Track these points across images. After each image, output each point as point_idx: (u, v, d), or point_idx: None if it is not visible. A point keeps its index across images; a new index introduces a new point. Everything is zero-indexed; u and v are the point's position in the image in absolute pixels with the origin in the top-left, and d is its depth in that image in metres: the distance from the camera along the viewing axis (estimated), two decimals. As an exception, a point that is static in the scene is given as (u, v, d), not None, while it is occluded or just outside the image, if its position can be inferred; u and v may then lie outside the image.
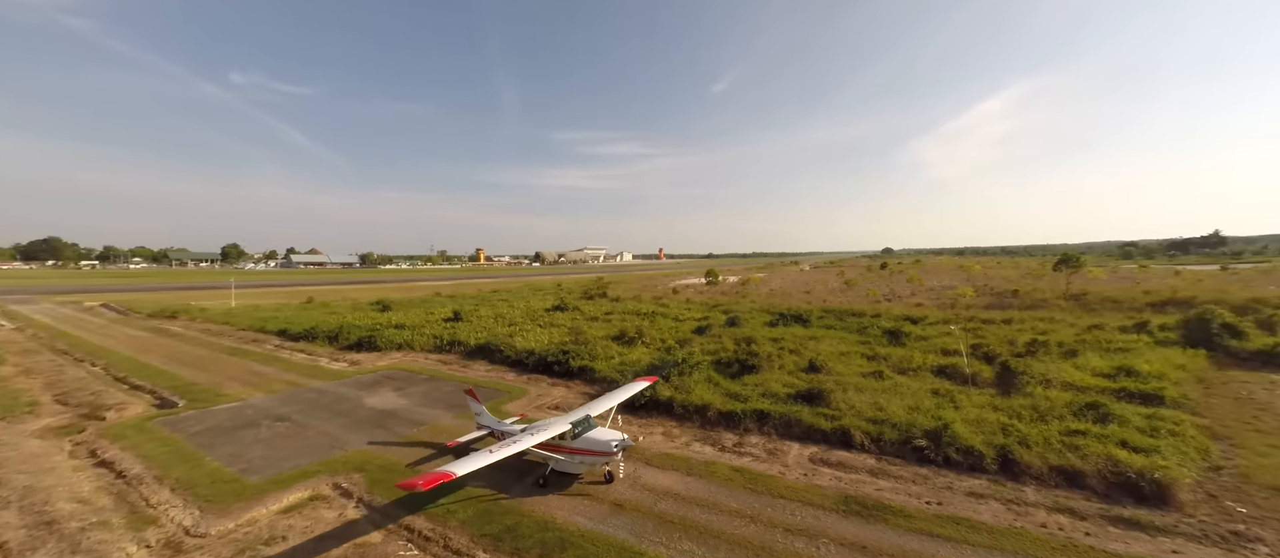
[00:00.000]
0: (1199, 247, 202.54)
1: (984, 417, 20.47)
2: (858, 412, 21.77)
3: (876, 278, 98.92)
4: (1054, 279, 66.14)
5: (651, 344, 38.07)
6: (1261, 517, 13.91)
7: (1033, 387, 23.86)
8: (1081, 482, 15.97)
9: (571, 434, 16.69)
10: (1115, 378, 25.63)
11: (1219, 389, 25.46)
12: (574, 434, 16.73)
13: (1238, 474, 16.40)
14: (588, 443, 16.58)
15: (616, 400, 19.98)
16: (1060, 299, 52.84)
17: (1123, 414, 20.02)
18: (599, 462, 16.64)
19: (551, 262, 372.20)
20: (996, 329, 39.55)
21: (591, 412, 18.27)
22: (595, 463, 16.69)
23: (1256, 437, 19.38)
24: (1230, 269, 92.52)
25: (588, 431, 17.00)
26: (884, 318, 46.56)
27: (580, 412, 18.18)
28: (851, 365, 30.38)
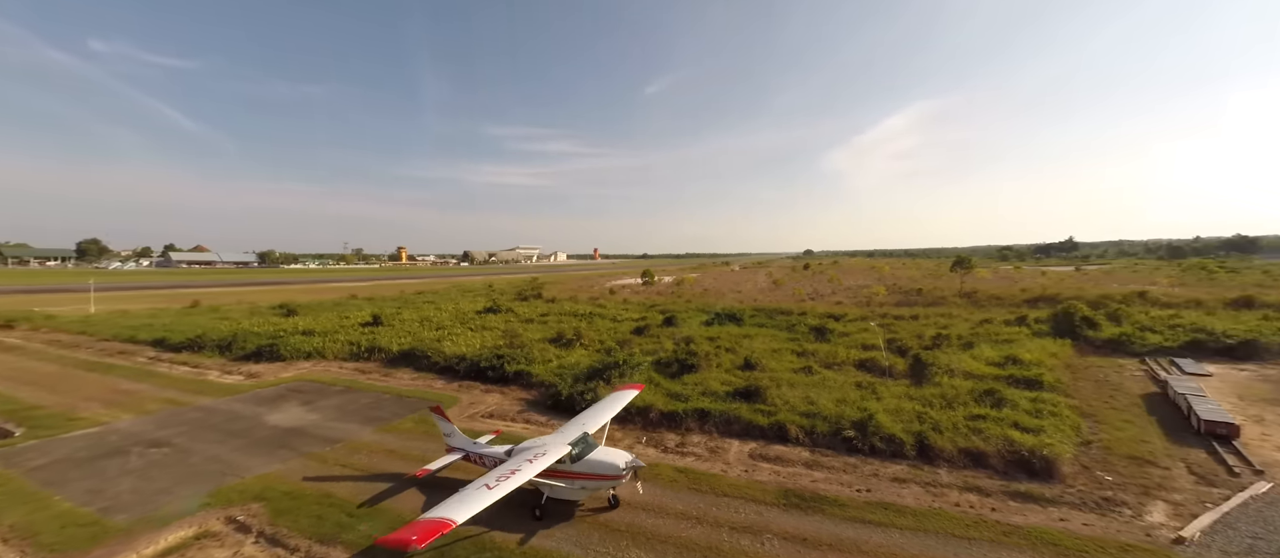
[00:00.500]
0: (1057, 251, 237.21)
1: (902, 406, 22.15)
2: (792, 407, 22.67)
3: (800, 278, 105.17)
4: (950, 279, 74.30)
5: (591, 346, 37.42)
6: (1124, 483, 16.18)
7: (940, 377, 26.25)
8: (985, 462, 17.68)
9: (571, 456, 14.55)
10: (1004, 366, 28.89)
11: (1082, 373, 29.58)
12: (574, 456, 14.60)
13: (1102, 447, 19.02)
14: (593, 466, 14.52)
15: (608, 414, 17.63)
16: (956, 297, 59.19)
17: (1013, 399, 22.54)
18: (606, 486, 14.73)
19: (482, 261, 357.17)
20: (906, 325, 43.33)
21: (588, 428, 16.14)
22: (601, 487, 14.73)
23: (1113, 413, 22.65)
24: (1082, 270, 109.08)
25: (589, 451, 14.92)
26: (810, 316, 49.36)
27: (573, 427, 16.11)
28: (783, 362, 31.74)
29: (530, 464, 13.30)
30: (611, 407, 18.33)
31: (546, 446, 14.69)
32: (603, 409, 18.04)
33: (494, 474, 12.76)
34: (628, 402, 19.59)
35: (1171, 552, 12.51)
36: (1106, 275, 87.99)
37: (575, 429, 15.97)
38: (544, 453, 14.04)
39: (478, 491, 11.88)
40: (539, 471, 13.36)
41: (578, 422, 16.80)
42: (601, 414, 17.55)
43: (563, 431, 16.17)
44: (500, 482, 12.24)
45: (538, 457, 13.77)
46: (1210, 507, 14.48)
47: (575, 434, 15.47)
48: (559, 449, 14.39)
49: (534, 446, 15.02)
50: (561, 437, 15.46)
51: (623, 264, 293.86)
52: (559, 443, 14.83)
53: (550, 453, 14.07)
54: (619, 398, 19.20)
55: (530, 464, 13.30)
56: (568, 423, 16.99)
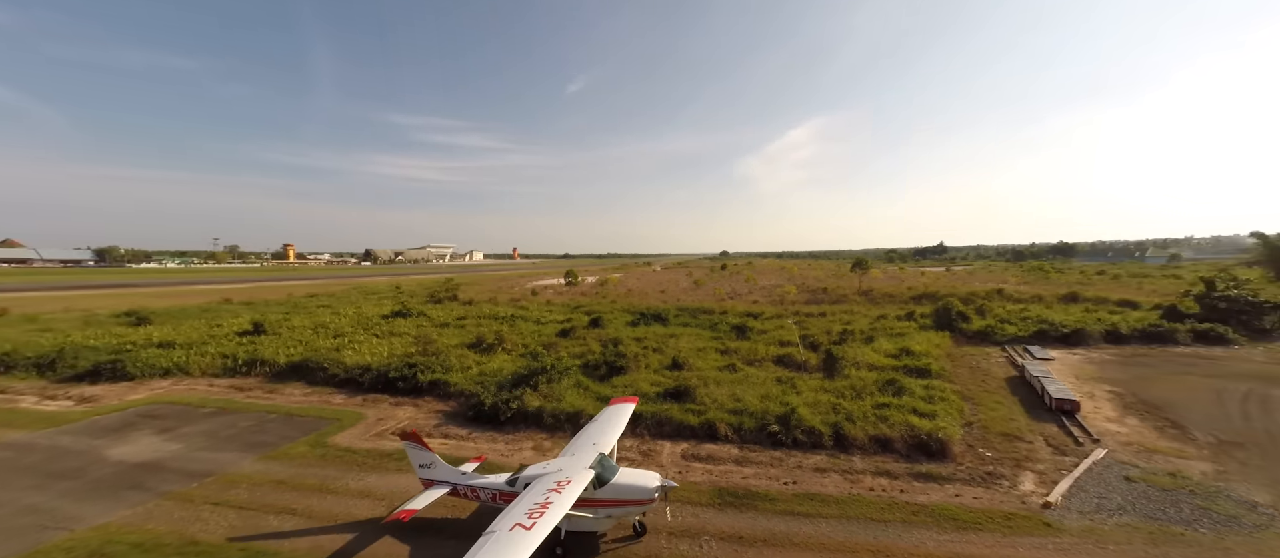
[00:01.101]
0: (931, 254, 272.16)
1: (819, 399, 23.59)
2: (720, 405, 23.18)
3: (719, 278, 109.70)
4: (851, 279, 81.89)
5: (514, 351, 35.67)
6: (1001, 458, 18.51)
7: (849, 369, 28.44)
8: (891, 447, 19.30)
9: (597, 481, 12.63)
10: (900, 358, 32.06)
11: (960, 361, 33.75)
12: (600, 480, 12.70)
13: (981, 427, 21.68)
14: (621, 490, 12.73)
15: (616, 430, 15.69)
16: (856, 295, 65.13)
17: (910, 387, 24.97)
18: (635, 512, 13.17)
19: (387, 261, 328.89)
20: (816, 321, 46.69)
21: (601, 447, 14.17)
22: (629, 514, 13.19)
23: (986, 396, 26.00)
24: (951, 271, 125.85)
25: (613, 473, 13.06)
26: (730, 315, 51.37)
27: (583, 447, 14.16)
28: (708, 360, 32.54)
29: (559, 493, 11.31)
30: (616, 421, 16.37)
31: (563, 470, 12.70)
32: (608, 425, 16.03)
33: (518, 509, 10.69)
34: (629, 416, 17.42)
35: (1042, 516, 14.42)
36: (970, 275, 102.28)
37: (586, 449, 13.99)
38: (568, 479, 12.04)
39: (512, 534, 9.76)
40: (571, 501, 11.34)
41: (584, 440, 14.86)
42: (609, 431, 15.56)
43: (572, 452, 14.15)
44: (535, 518, 10.21)
45: (564, 484, 11.76)
46: (1066, 473, 17.01)
47: (588, 455, 13.49)
48: (581, 473, 12.39)
49: (548, 471, 12.91)
50: (575, 460, 13.41)
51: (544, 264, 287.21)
52: (578, 466, 12.84)
53: (576, 479, 12.10)
54: (621, 412, 17.19)
55: (559, 493, 11.31)
56: (572, 442, 15.13)
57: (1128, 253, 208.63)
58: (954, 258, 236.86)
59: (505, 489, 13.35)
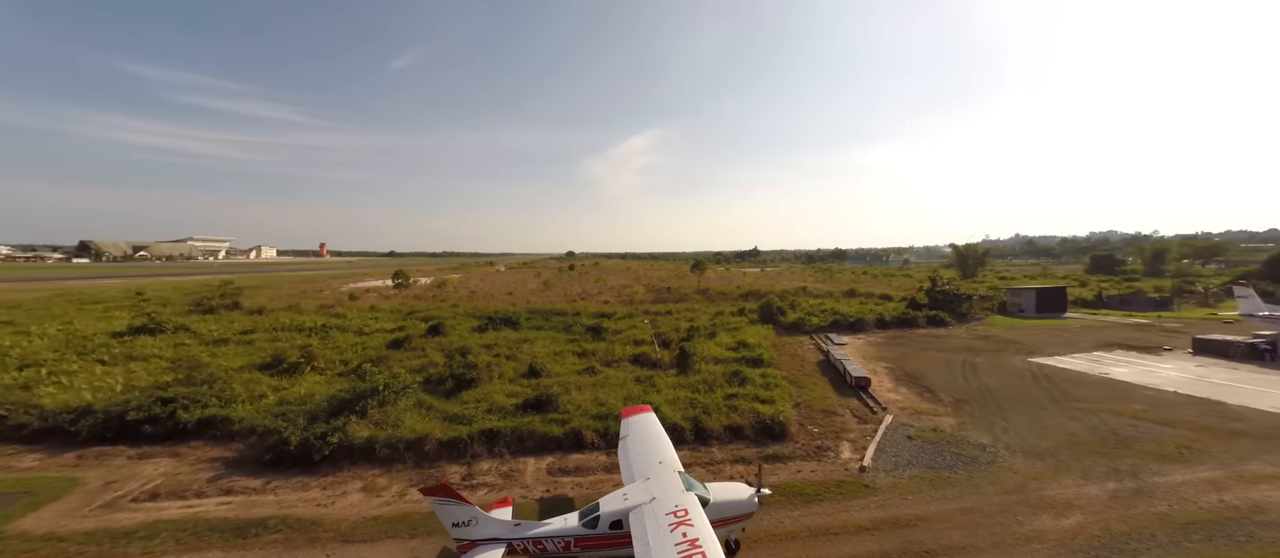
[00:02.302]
0: (748, 257, 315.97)
1: (677, 395, 24.55)
2: (584, 411, 22.36)
3: (569, 278, 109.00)
4: (691, 279, 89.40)
5: (329, 370, 29.37)
6: (825, 432, 21.59)
7: (700, 364, 30.41)
8: (742, 434, 20.97)
9: (702, 501, 11.40)
10: (738, 350, 35.59)
11: (782, 349, 39.06)
12: (702, 502, 11.37)
13: (807, 406, 25.14)
14: (723, 509, 11.85)
15: (666, 443, 14.49)
16: (696, 294, 71.10)
17: (751, 376, 27.74)
18: (735, 530, 12.35)
19: (119, 257, 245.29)
20: (665, 319, 49.30)
21: (673, 465, 13.03)
22: (731, 532, 12.29)
23: (806, 378, 30.41)
24: (765, 271, 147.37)
25: (706, 491, 11.97)
26: (584, 315, 51.00)
27: (647, 466, 12.99)
28: (567, 365, 31.48)
29: (691, 525, 10.01)
30: (659, 433, 15.26)
31: (659, 498, 11.18)
32: (657, 439, 14.81)
33: (666, 549, 9.30)
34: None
35: (861, 479, 17.11)
36: (779, 276, 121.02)
37: (655, 469, 12.80)
38: (682, 507, 10.67)
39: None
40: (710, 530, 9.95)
41: (641, 460, 13.48)
42: (663, 445, 14.44)
43: (641, 476, 12.61)
44: (697, 548, 9.16)
45: (682, 513, 10.43)
46: (870, 439, 20.61)
47: (668, 476, 12.24)
48: (686, 497, 11.09)
49: (640, 501, 11.21)
50: (655, 483, 11.93)
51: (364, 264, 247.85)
52: (668, 489, 11.50)
53: (688, 504, 10.77)
54: (651, 422, 16.09)
55: (691, 525, 10.01)
56: (628, 465, 13.64)
57: (879, 258, 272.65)
58: (765, 261, 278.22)
59: (585, 534, 11.36)
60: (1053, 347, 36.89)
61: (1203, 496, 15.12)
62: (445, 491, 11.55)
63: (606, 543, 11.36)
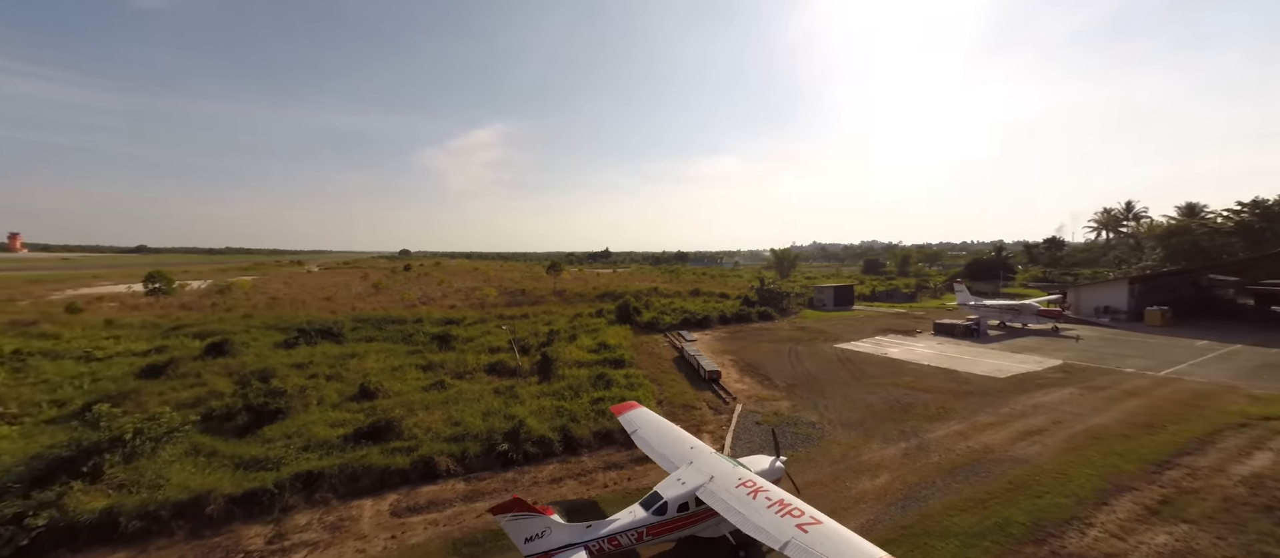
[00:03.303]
0: (600, 258, 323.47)
1: (542, 405, 23.19)
2: (435, 433, 19.62)
3: (405, 280, 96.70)
4: (547, 280, 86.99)
5: (31, 416, 20.49)
6: (687, 428, 22.57)
7: (563, 369, 29.40)
8: (612, 438, 20.67)
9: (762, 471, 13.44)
10: (599, 351, 35.54)
11: (641, 349, 40.30)
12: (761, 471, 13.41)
13: (669, 402, 26.13)
14: (765, 477, 12.77)
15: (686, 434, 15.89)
16: (552, 295, 69.41)
17: (615, 378, 27.77)
18: None
19: None
20: (522, 323, 46.84)
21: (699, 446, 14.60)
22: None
23: (665, 375, 31.74)
24: (617, 271, 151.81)
25: (744, 465, 13.27)
26: (427, 322, 45.56)
27: (679, 454, 14.23)
28: (409, 381, 27.51)
29: (761, 488, 11.46)
30: (666, 423, 16.70)
31: (712, 473, 12.47)
32: (665, 429, 16.11)
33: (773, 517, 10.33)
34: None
35: (723, 468, 18.22)
36: (631, 276, 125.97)
37: (694, 454, 13.88)
38: (747, 478, 12.02)
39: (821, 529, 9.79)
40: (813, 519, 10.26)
41: (672, 449, 14.58)
42: (678, 433, 15.82)
43: (685, 462, 13.45)
44: (797, 515, 10.31)
45: (748, 483, 11.78)
46: (727, 428, 22.26)
47: (707, 455, 13.77)
48: (737, 472, 12.44)
49: (695, 482, 12.27)
50: (701, 466, 12.97)
51: (94, 262, 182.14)
52: (722, 467, 12.81)
53: (750, 477, 12.10)
54: (650, 414, 17.50)
55: (761, 488, 11.46)
56: (665, 455, 14.47)
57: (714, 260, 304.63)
58: (617, 262, 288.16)
59: (655, 521, 11.97)
60: (849, 334, 45.29)
61: (957, 444, 19.80)
62: (518, 504, 11.04)
63: (675, 526, 12.29)
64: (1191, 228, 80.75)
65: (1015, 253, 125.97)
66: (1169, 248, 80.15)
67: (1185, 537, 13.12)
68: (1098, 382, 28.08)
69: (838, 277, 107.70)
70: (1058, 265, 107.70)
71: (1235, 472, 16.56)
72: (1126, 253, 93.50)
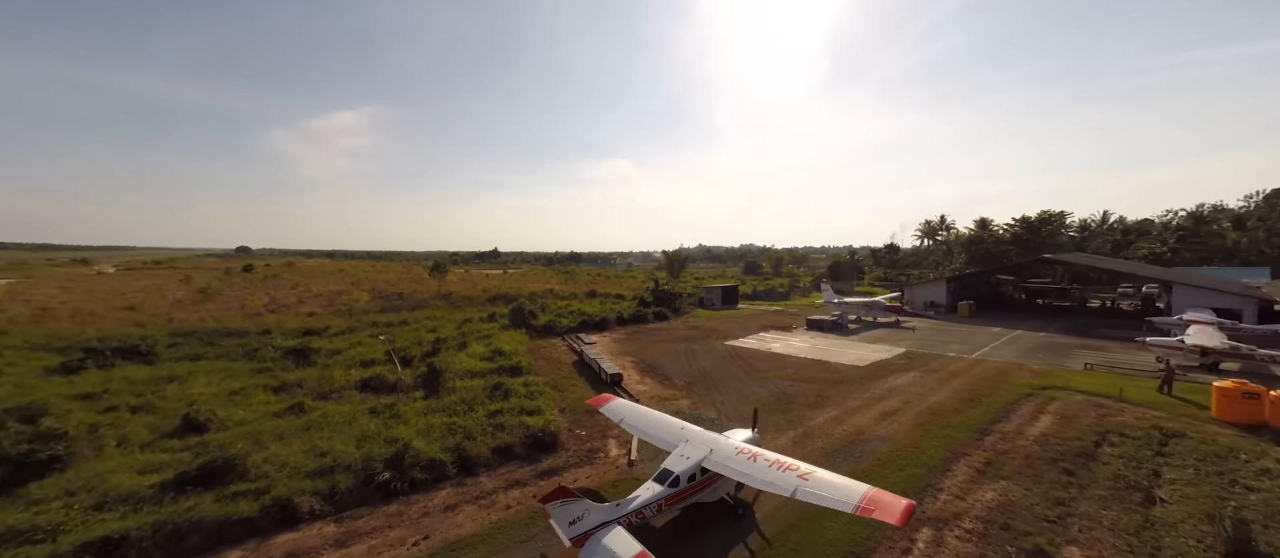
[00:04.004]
0: (488, 258, 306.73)
1: (431, 423, 20.84)
2: (294, 468, 16.48)
3: (246, 284, 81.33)
4: (429, 282, 79.39)
5: None
6: (591, 433, 22.03)
7: (453, 381, 26.85)
8: (512, 453, 19.32)
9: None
10: (494, 359, 33.26)
11: (539, 353, 38.68)
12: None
13: (571, 409, 25.29)
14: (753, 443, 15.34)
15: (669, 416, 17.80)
16: (436, 299, 63.66)
17: (513, 387, 26.14)
18: None
19: None
20: (402, 331, 42.08)
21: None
22: None
23: (565, 381, 30.76)
24: (508, 272, 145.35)
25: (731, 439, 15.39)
26: (278, 334, 38.68)
27: (670, 436, 15.84)
28: (256, 406, 22.98)
29: (758, 454, 13.62)
30: (645, 409, 18.88)
31: (710, 446, 14.34)
32: (648, 414, 18.04)
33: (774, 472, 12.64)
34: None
35: (631, 473, 18.00)
36: (523, 277, 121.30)
37: (686, 432, 15.71)
38: (740, 446, 14.22)
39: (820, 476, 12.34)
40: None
41: (669, 433, 16.05)
42: (662, 416, 17.68)
43: (684, 441, 15.00)
44: (792, 470, 12.62)
45: (743, 450, 13.94)
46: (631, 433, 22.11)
47: (698, 433, 15.55)
48: (728, 443, 14.49)
49: (697, 455, 14.03)
50: (701, 440, 14.86)
51: None
52: (715, 440, 14.79)
53: (743, 445, 14.35)
54: (626, 403, 19.37)
55: (758, 454, 13.62)
56: (661, 436, 16.01)
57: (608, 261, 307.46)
58: (507, 263, 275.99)
59: (670, 493, 13.41)
60: (737, 331, 48.53)
61: (835, 429, 22.06)
62: (563, 492, 11.91)
63: (685, 495, 13.94)
64: (984, 237, 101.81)
65: (863, 257, 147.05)
66: (970, 253, 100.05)
67: (1004, 491, 16.04)
68: (932, 365, 33.60)
69: (723, 277, 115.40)
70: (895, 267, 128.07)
71: (1030, 433, 20.83)
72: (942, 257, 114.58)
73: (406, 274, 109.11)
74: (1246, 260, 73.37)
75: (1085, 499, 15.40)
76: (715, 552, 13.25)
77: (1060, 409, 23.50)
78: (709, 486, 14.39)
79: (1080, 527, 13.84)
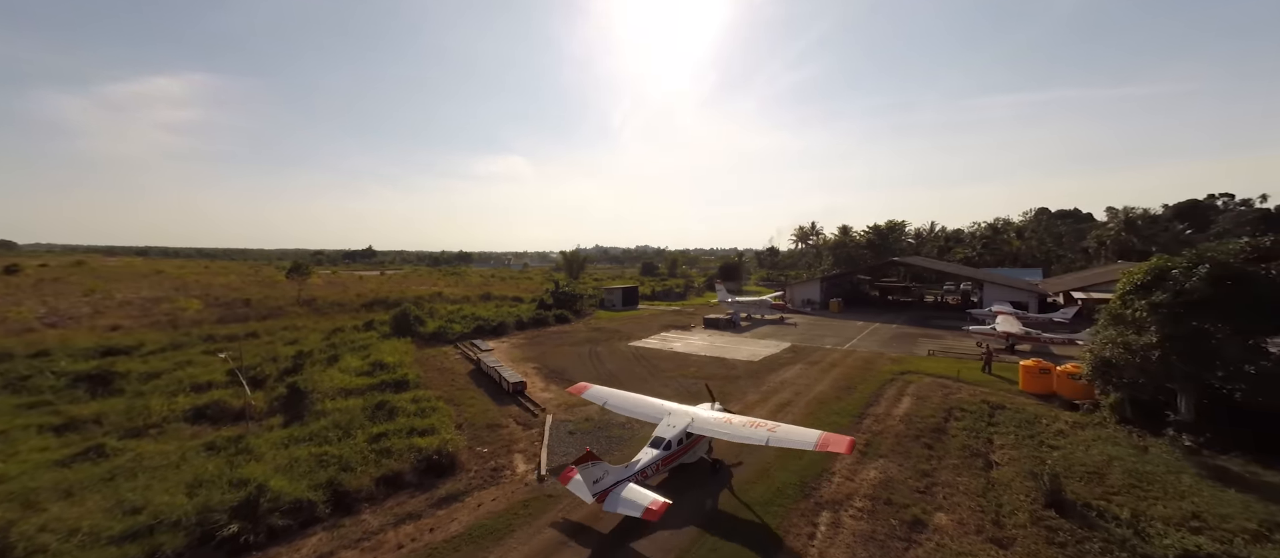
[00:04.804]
0: (361, 257, 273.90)
1: (294, 455, 17.53)
2: (89, 535, 12.58)
3: (6, 289, 62.05)
4: (287, 287, 67.61)
5: None
6: (495, 450, 20.28)
7: (323, 402, 23.00)
8: (403, 482, 16.98)
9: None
10: (375, 374, 29.35)
11: (428, 364, 35.02)
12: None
13: (470, 424, 23.11)
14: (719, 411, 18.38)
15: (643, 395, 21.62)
16: (297, 306, 54.65)
17: (399, 404, 23.21)
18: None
19: None
20: (250, 346, 35.26)
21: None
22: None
23: (461, 393, 28.16)
24: (386, 274, 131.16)
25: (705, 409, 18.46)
26: (62, 355, 29.97)
27: (655, 404, 19.13)
28: (24, 454, 17.36)
29: (732, 416, 17.22)
30: (621, 391, 21.72)
31: (692, 415, 17.13)
32: (625, 395, 20.53)
33: (747, 428, 15.77)
34: None
35: (542, 490, 16.85)
36: (405, 279, 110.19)
37: (664, 407, 18.35)
38: (715, 413, 17.66)
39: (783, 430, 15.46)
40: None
41: (651, 408, 18.68)
42: (638, 395, 20.69)
43: (665, 415, 17.51)
44: (762, 427, 15.71)
45: (718, 416, 17.24)
46: (540, 444, 20.83)
47: (675, 406, 18.37)
48: (704, 410, 17.82)
49: (680, 423, 16.70)
50: (682, 410, 17.69)
51: None
52: (692, 410, 17.68)
53: (717, 412, 17.87)
54: (601, 389, 21.88)
55: (732, 416, 17.22)
56: (646, 410, 18.70)
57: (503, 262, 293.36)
58: (384, 263, 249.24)
59: (666, 455, 15.84)
60: (639, 332, 49.06)
61: (738, 424, 23.06)
62: (590, 456, 13.95)
63: (675, 456, 16.26)
64: (845, 242, 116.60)
65: (749, 258, 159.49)
66: (836, 256, 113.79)
67: (883, 469, 18.03)
68: (813, 358, 37.16)
69: (622, 278, 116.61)
70: (776, 268, 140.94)
71: (896, 414, 23.86)
72: (813, 259, 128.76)
73: (254, 277, 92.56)
74: (1027, 263, 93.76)
75: (944, 469, 17.92)
76: (706, 497, 16.01)
77: (916, 391, 27.34)
78: (691, 448, 16.97)
79: (944, 494, 16.02)
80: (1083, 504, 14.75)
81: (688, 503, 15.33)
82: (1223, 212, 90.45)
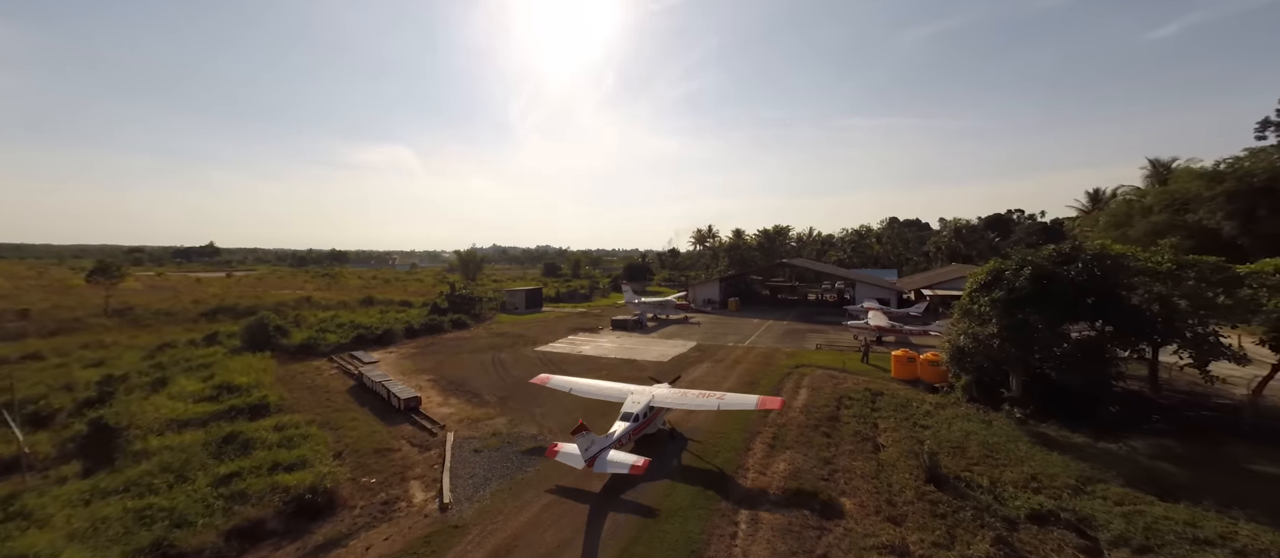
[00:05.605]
0: (199, 255, 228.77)
1: (101, 514, 13.47)
2: None
3: None
4: (89, 293, 52.92)
5: None
6: (386, 480, 17.64)
7: (145, 440, 18.17)
8: (265, 530, 13.95)
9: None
10: (221, 398, 24.23)
11: (293, 383, 29.86)
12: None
13: (352, 451, 19.95)
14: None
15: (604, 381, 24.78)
16: (104, 317, 43.32)
17: (257, 434, 19.30)
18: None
19: None
20: (25, 370, 26.99)
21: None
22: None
23: (339, 415, 24.33)
24: (236, 276, 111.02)
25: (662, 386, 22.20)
26: None
27: (619, 385, 22.35)
28: None
29: (686, 393, 21.17)
30: (587, 379, 24.68)
31: (652, 393, 20.34)
32: (585, 382, 23.63)
33: (698, 398, 20.30)
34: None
35: (447, 521, 14.94)
36: (262, 282, 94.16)
37: (627, 387, 21.42)
38: (678, 389, 22.32)
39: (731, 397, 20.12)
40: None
41: (616, 389, 21.63)
42: (598, 380, 24.03)
43: (627, 395, 20.21)
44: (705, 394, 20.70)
45: (680, 390, 22.16)
46: (440, 468, 18.59)
47: (636, 387, 21.52)
48: (663, 388, 21.66)
49: (644, 399, 19.69)
50: (644, 389, 20.93)
51: None
52: (653, 388, 21.13)
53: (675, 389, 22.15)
54: (560, 378, 24.67)
55: (686, 393, 21.17)
56: (613, 389, 21.78)
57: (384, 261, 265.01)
58: (232, 262, 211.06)
59: (636, 425, 18.42)
60: (546, 336, 47.14)
61: (654, 426, 22.90)
62: (585, 427, 16.11)
63: (642, 427, 19.01)
64: (739, 245, 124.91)
65: (651, 259, 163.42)
66: (731, 257, 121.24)
67: (791, 460, 19.02)
68: (718, 356, 38.72)
69: (525, 280, 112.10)
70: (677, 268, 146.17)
71: (796, 405, 25.54)
72: (711, 260, 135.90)
73: (36, 280, 72.33)
74: (885, 264, 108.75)
75: (842, 455, 19.43)
76: (671, 457, 18.99)
77: (810, 383, 29.64)
78: (653, 421, 19.62)
79: (845, 479, 17.30)
80: (954, 477, 16.89)
81: (657, 465, 17.51)
82: (1017, 224, 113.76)
